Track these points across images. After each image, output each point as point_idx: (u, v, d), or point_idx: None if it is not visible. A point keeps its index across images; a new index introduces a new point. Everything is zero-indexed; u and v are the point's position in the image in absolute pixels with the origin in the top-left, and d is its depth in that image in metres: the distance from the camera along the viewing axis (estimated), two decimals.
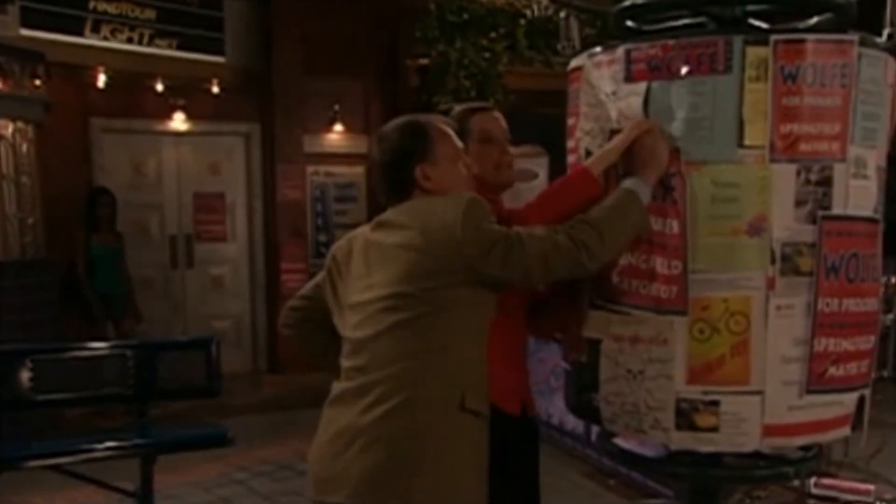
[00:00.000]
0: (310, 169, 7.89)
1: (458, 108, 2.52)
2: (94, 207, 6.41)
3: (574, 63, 2.37)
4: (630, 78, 2.14)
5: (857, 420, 2.22)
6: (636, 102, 2.13)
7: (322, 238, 7.98)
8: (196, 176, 7.77)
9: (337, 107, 7.84)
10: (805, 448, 2.29)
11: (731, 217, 2.08)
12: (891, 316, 6.41)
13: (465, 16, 7.18)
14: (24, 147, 5.83)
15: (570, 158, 2.43)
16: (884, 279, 6.55)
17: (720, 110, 2.06)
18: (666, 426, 2.19)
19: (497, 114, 2.52)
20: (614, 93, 2.19)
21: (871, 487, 3.87)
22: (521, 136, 2.52)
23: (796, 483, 3.86)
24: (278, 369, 7.64)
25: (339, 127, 7.88)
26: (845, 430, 2.21)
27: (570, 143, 2.42)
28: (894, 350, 6.73)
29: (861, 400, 2.21)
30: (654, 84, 2.11)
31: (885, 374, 6.61)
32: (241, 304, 7.92)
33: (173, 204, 7.71)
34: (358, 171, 8.07)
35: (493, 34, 7.24)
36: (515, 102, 6.99)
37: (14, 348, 4.26)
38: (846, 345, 2.13)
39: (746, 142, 2.06)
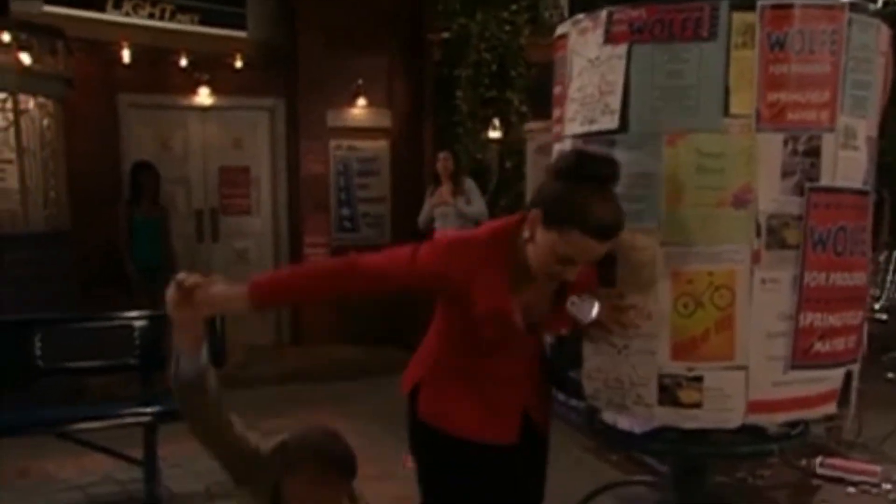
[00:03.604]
0: (333, 143, 7.89)
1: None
2: (137, 180, 6.51)
3: (559, 30, 2.33)
4: (610, 39, 2.08)
5: (843, 396, 2.17)
6: (618, 66, 2.08)
7: (345, 212, 7.99)
8: (221, 150, 7.81)
9: (360, 81, 7.81)
10: (792, 424, 2.24)
11: (715, 188, 2.03)
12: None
13: None
14: (46, 122, 5.90)
15: (556, 128, 2.38)
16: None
17: (705, 78, 2.01)
18: (649, 402, 2.16)
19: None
20: (597, 58, 2.14)
21: (878, 468, 3.79)
22: (543, 110, 2.48)
23: (803, 462, 3.81)
24: (301, 342, 7.71)
25: (362, 101, 7.85)
26: (831, 407, 2.16)
27: (556, 113, 2.38)
28: None
29: (848, 376, 2.16)
30: (636, 47, 2.05)
31: None
32: None
33: (199, 178, 7.77)
34: (381, 145, 8.05)
35: (514, 6, 7.15)
36: (537, 75, 6.92)
37: (23, 318, 4.35)
38: (833, 320, 2.08)
39: (732, 110, 2.01)
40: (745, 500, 2.77)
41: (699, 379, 2.09)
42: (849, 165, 2.05)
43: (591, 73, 2.16)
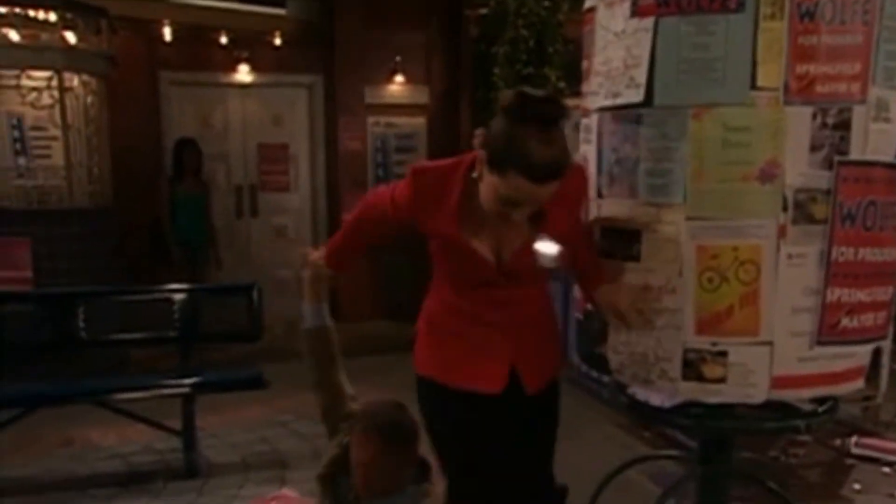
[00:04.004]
0: (371, 120, 7.92)
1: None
2: (180, 157, 6.62)
3: (588, 4, 2.32)
4: (637, 12, 2.07)
5: (873, 372, 2.14)
6: (645, 39, 2.06)
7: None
8: (260, 127, 7.90)
9: (398, 58, 7.82)
10: (820, 401, 2.22)
11: (741, 163, 2.01)
12: None
13: None
14: (90, 99, 6.02)
15: (584, 102, 2.38)
16: None
17: (732, 50, 1.98)
18: (673, 376, 2.16)
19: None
20: (623, 31, 2.12)
21: None
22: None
23: (837, 442, 3.76)
24: (339, 318, 7.73)
25: (399, 78, 7.86)
26: (858, 383, 2.14)
27: (585, 87, 2.37)
28: None
29: (877, 352, 2.13)
30: (663, 20, 2.03)
31: None
32: None
33: (239, 155, 7.87)
34: (418, 121, 8.06)
35: None
36: (575, 51, 6.84)
37: (67, 291, 4.48)
38: (861, 296, 2.06)
39: (759, 83, 1.98)
40: (776, 478, 2.76)
41: (723, 354, 2.09)
42: (880, 138, 2.01)
43: (617, 47, 2.15)
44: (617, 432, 4.36)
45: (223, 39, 7.35)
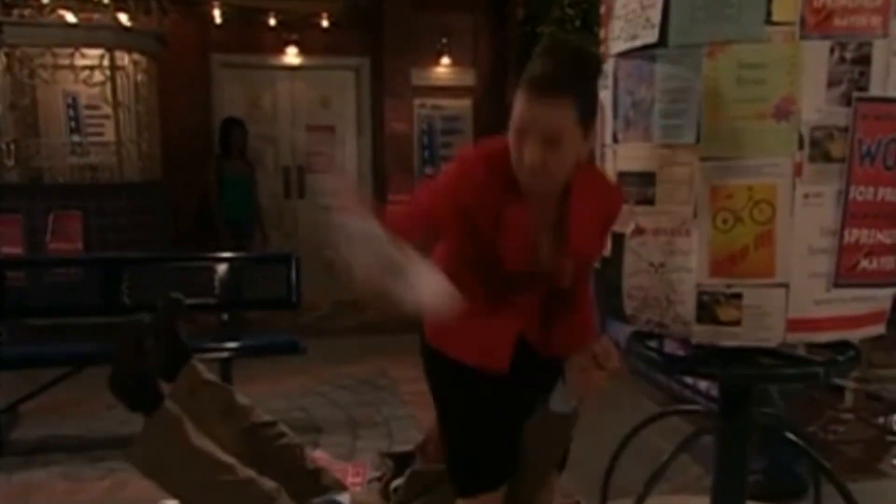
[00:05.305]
0: (417, 102, 7.96)
1: None
2: (227, 137, 6.74)
3: None
4: None
5: (894, 317, 2.08)
6: None
7: (428, 170, 8.07)
8: (308, 109, 8.01)
9: (445, 40, 7.84)
10: (840, 350, 2.17)
11: (756, 100, 1.97)
12: None
13: None
14: (140, 77, 6.18)
15: (602, 48, 2.35)
16: None
17: None
18: (687, 319, 2.12)
19: None
20: None
21: None
22: None
23: (880, 420, 3.66)
24: None
25: (446, 60, 7.89)
26: (879, 328, 2.08)
27: (602, 33, 2.35)
28: None
29: None
30: None
31: None
32: None
33: (287, 136, 7.99)
34: (464, 103, 8.07)
35: None
36: None
37: (112, 256, 4.61)
38: (881, 237, 2.00)
39: (774, 17, 1.93)
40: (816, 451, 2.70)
41: (738, 296, 2.04)
42: None
43: None
44: (654, 408, 4.30)
45: (272, 22, 7.46)
